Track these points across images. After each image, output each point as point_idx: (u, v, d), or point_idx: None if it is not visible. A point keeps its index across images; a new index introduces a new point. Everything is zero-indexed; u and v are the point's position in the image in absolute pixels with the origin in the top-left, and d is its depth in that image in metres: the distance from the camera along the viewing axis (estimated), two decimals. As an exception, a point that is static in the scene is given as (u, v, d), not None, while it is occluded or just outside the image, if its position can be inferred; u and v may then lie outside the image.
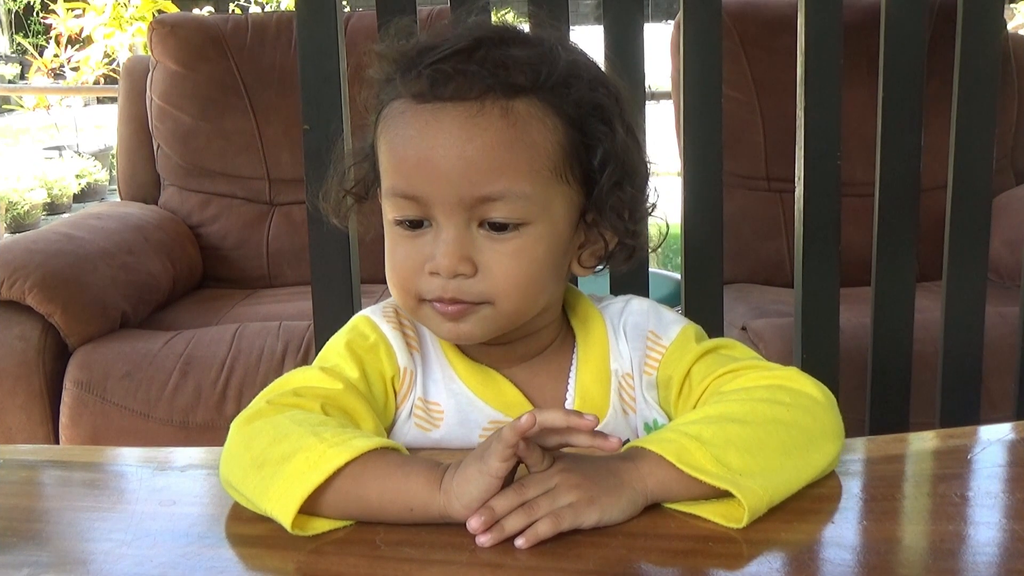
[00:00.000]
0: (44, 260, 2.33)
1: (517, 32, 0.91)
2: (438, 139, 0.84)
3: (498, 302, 0.87)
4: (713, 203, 1.51)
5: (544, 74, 0.86)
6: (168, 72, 2.98)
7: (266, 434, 0.82)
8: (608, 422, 0.96)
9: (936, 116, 1.61)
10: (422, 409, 0.95)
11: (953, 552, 0.76)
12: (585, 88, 0.89)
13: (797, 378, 0.89)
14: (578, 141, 0.88)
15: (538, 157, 0.86)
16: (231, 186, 3.00)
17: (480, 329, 0.89)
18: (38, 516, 0.89)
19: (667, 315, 1.00)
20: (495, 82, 0.84)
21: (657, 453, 0.79)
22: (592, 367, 0.97)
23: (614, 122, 0.90)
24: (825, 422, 0.87)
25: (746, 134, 2.83)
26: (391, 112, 0.88)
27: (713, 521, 0.78)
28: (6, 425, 2.23)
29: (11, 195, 6.72)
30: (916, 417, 1.59)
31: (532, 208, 0.86)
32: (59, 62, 8.63)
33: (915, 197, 1.52)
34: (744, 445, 0.80)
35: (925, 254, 1.59)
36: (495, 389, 0.95)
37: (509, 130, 0.84)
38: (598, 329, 0.98)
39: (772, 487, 0.80)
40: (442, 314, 0.88)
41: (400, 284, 0.89)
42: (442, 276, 0.86)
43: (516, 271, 0.86)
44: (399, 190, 0.87)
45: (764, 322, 2.23)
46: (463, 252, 0.85)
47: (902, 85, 1.49)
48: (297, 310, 2.51)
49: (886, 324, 1.56)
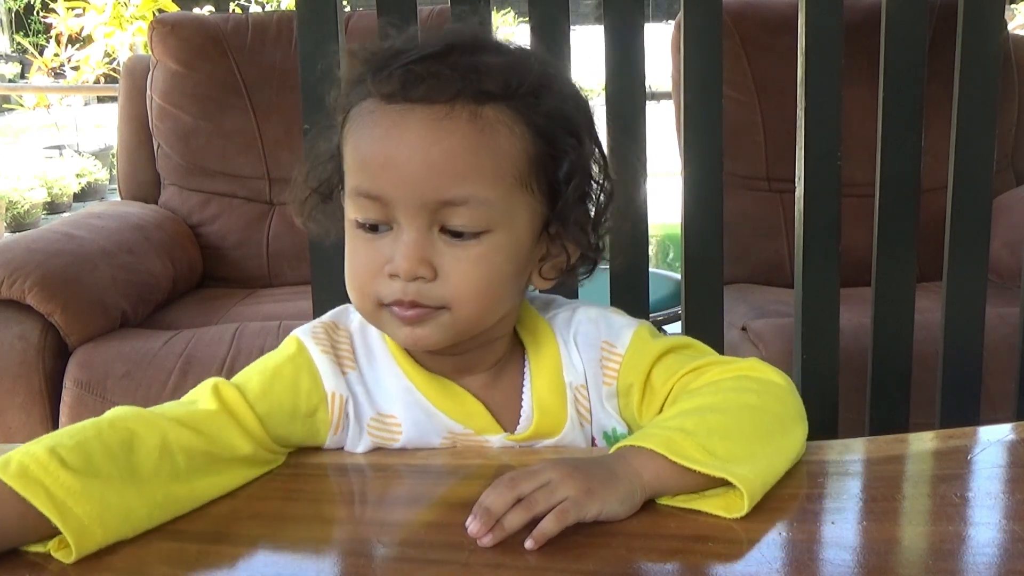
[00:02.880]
0: (44, 259, 2.33)
1: (491, 40, 0.90)
2: (404, 140, 0.83)
3: (456, 308, 0.86)
4: (713, 203, 1.51)
5: (515, 82, 0.85)
6: (168, 71, 2.99)
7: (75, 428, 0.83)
8: (566, 433, 0.96)
9: (936, 117, 1.61)
10: (378, 425, 0.94)
11: (953, 553, 0.76)
12: (555, 100, 0.88)
13: (758, 367, 0.92)
14: (545, 152, 0.87)
15: (504, 164, 0.85)
16: (231, 185, 3.00)
17: (437, 335, 0.88)
18: (38, 515, 0.88)
19: (617, 320, 0.99)
20: (465, 86, 0.83)
21: (648, 448, 0.80)
22: (546, 379, 0.96)
23: (582, 135, 0.90)
24: (791, 406, 0.90)
25: (746, 134, 2.83)
26: (360, 112, 0.87)
27: (715, 515, 0.79)
28: (6, 424, 2.23)
29: (11, 194, 6.72)
30: (916, 417, 1.59)
31: (494, 215, 0.85)
32: (59, 61, 8.64)
33: (915, 197, 1.52)
34: (726, 433, 0.83)
35: (925, 254, 1.59)
36: (454, 399, 0.94)
37: (476, 135, 0.83)
38: (548, 341, 0.97)
39: (762, 472, 0.82)
40: (400, 319, 0.87)
41: (359, 287, 0.89)
42: (401, 279, 0.85)
43: (475, 277, 0.86)
44: (363, 190, 0.86)
45: (764, 322, 2.23)
46: (423, 255, 0.85)
47: (902, 85, 1.49)
48: (297, 310, 2.51)
49: (886, 324, 1.55)
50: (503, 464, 0.91)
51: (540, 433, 0.95)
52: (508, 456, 0.94)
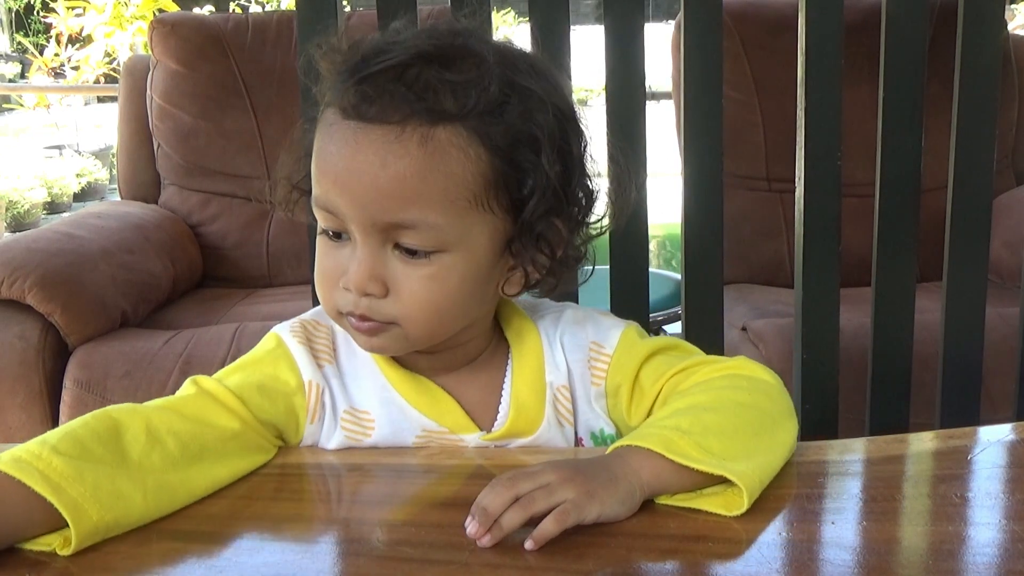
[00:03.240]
0: (44, 259, 2.33)
1: (463, 49, 0.85)
2: (355, 161, 0.83)
3: (405, 325, 0.87)
4: (713, 203, 1.51)
5: (472, 101, 0.82)
6: (169, 71, 2.99)
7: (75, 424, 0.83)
8: (541, 433, 0.96)
9: (936, 117, 1.61)
10: (351, 420, 0.95)
11: (953, 553, 0.76)
12: (517, 115, 0.85)
13: (747, 365, 0.93)
14: (505, 171, 0.85)
15: (454, 187, 0.83)
16: (231, 185, 3.00)
17: (393, 346, 0.90)
18: (37, 515, 0.88)
19: (604, 321, 1.00)
20: (419, 107, 0.81)
21: (645, 447, 0.81)
22: (527, 379, 0.96)
23: (548, 152, 0.86)
24: (781, 403, 0.91)
25: (746, 134, 2.83)
26: (324, 119, 0.87)
27: (715, 513, 0.80)
28: (6, 424, 2.23)
29: (11, 194, 6.72)
30: (916, 417, 1.59)
31: (445, 238, 0.84)
32: (59, 61, 8.64)
33: (915, 197, 1.52)
34: (721, 431, 0.83)
35: (925, 254, 1.59)
36: (429, 397, 0.95)
37: (426, 159, 0.82)
38: (532, 341, 0.98)
39: (758, 468, 0.82)
40: (355, 328, 0.89)
41: (322, 293, 0.90)
42: (353, 293, 0.86)
43: (426, 296, 0.86)
44: (320, 202, 0.87)
45: (764, 322, 2.23)
46: (374, 272, 0.85)
47: (902, 85, 1.49)
48: (297, 310, 2.47)
49: (886, 324, 1.55)
50: (507, 463, 0.92)
51: (514, 431, 0.95)
52: (487, 456, 0.94)
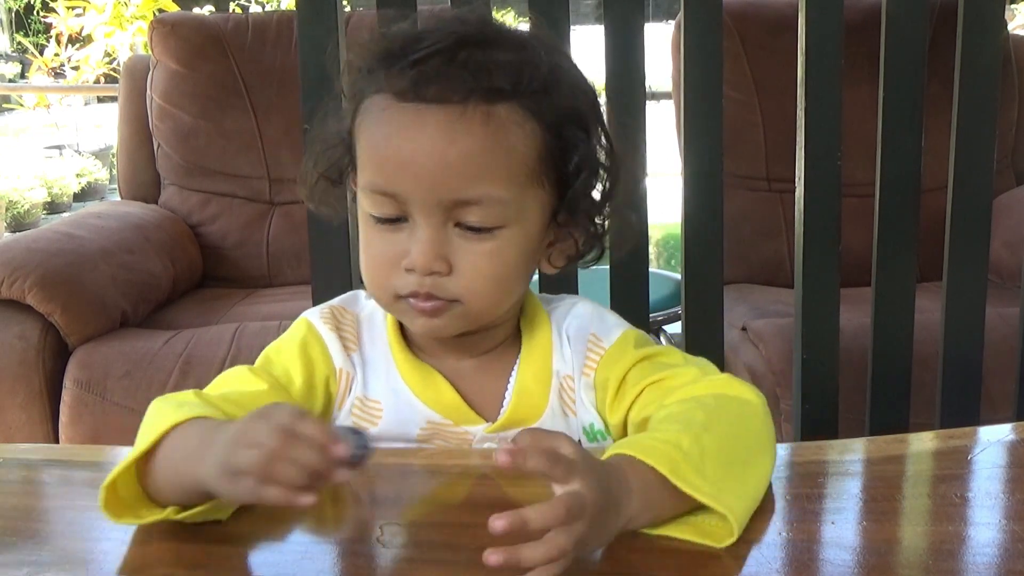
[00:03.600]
0: (44, 259, 2.33)
1: (500, 32, 0.90)
2: (419, 141, 0.84)
3: (469, 302, 0.88)
4: (713, 203, 1.51)
5: (526, 80, 0.86)
6: (168, 71, 2.99)
7: (155, 408, 0.84)
8: (544, 422, 0.96)
9: (936, 117, 1.61)
10: (360, 407, 0.96)
11: (953, 553, 0.76)
12: (565, 93, 0.89)
13: (735, 385, 0.89)
14: (555, 146, 0.88)
15: (516, 163, 0.86)
16: (231, 185, 3.00)
17: (452, 326, 0.90)
18: (38, 515, 0.89)
19: (610, 319, 1.00)
20: (477, 86, 0.84)
21: (649, 464, 0.76)
22: (533, 367, 0.97)
23: (590, 126, 0.91)
24: (766, 427, 0.88)
25: (746, 134, 2.83)
26: (372, 106, 0.88)
27: (696, 542, 0.76)
28: (6, 424, 2.23)
29: (11, 194, 6.72)
30: (916, 417, 1.59)
31: (507, 212, 0.86)
32: (59, 61, 8.64)
33: (915, 197, 1.52)
34: (716, 456, 0.79)
35: (925, 254, 1.59)
36: (434, 390, 0.95)
37: (490, 136, 0.84)
38: (543, 330, 0.98)
39: (751, 500, 0.79)
40: (416, 310, 0.88)
41: (375, 279, 0.90)
42: (417, 273, 0.86)
43: (489, 271, 0.87)
44: (377, 187, 0.87)
45: (764, 322, 2.23)
46: (438, 251, 0.86)
47: (902, 85, 1.49)
48: (297, 310, 2.47)
49: (886, 324, 1.55)
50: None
51: (515, 419, 0.95)
52: (487, 456, 0.93)
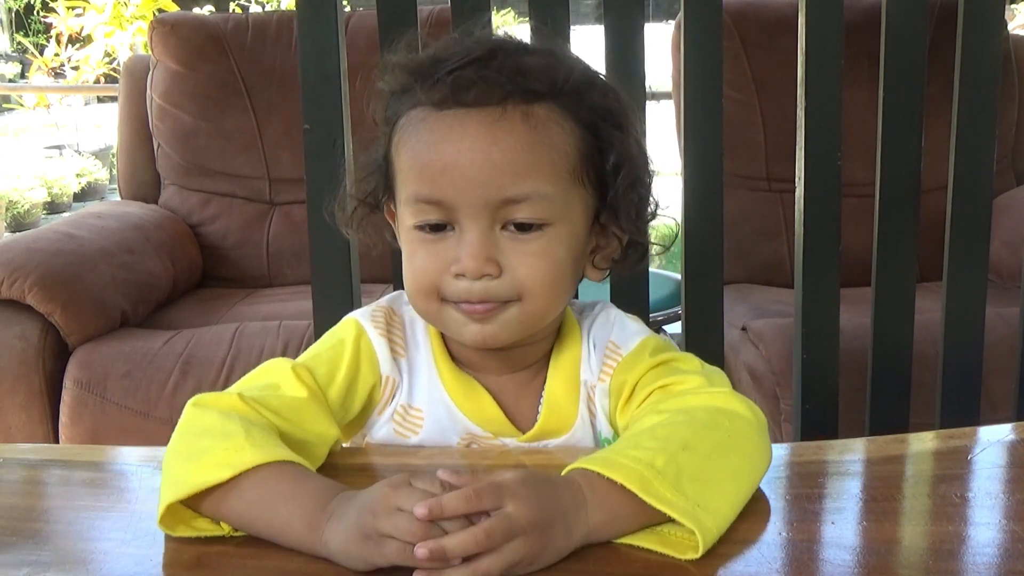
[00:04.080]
0: (44, 259, 2.33)
1: (525, 44, 0.93)
2: (463, 143, 0.85)
3: (525, 300, 0.88)
4: (713, 203, 1.51)
5: (560, 81, 0.88)
6: (168, 71, 2.99)
7: (209, 421, 0.83)
8: (575, 432, 0.96)
9: (937, 117, 1.61)
10: (402, 415, 0.96)
11: (953, 553, 0.76)
12: (598, 94, 0.91)
13: (732, 401, 0.87)
14: (592, 145, 0.90)
15: (559, 160, 0.87)
16: (231, 185, 3.00)
17: (505, 331, 0.89)
18: (38, 515, 0.88)
19: (631, 326, 0.99)
20: (514, 88, 0.86)
21: (617, 481, 0.75)
22: (562, 377, 0.97)
23: (625, 126, 0.93)
24: (760, 445, 0.86)
25: (747, 134, 2.83)
26: (410, 121, 0.89)
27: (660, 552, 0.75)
28: (6, 424, 2.23)
29: (11, 194, 6.72)
30: (916, 417, 1.59)
31: (554, 209, 0.87)
32: (59, 61, 8.64)
33: (915, 198, 1.52)
34: (696, 474, 0.78)
35: (925, 254, 1.59)
36: (476, 402, 0.95)
37: (531, 134, 0.86)
38: (574, 341, 0.98)
39: (723, 519, 0.77)
40: (469, 315, 0.88)
41: (422, 288, 0.89)
42: (468, 278, 0.86)
43: (541, 270, 0.87)
44: (423, 195, 0.87)
45: (764, 322, 2.23)
46: (488, 253, 0.86)
47: (903, 85, 1.49)
48: (297, 309, 2.51)
49: (886, 325, 1.55)
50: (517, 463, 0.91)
51: (547, 431, 0.96)
52: (513, 456, 0.94)
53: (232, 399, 0.86)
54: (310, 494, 0.77)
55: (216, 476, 0.77)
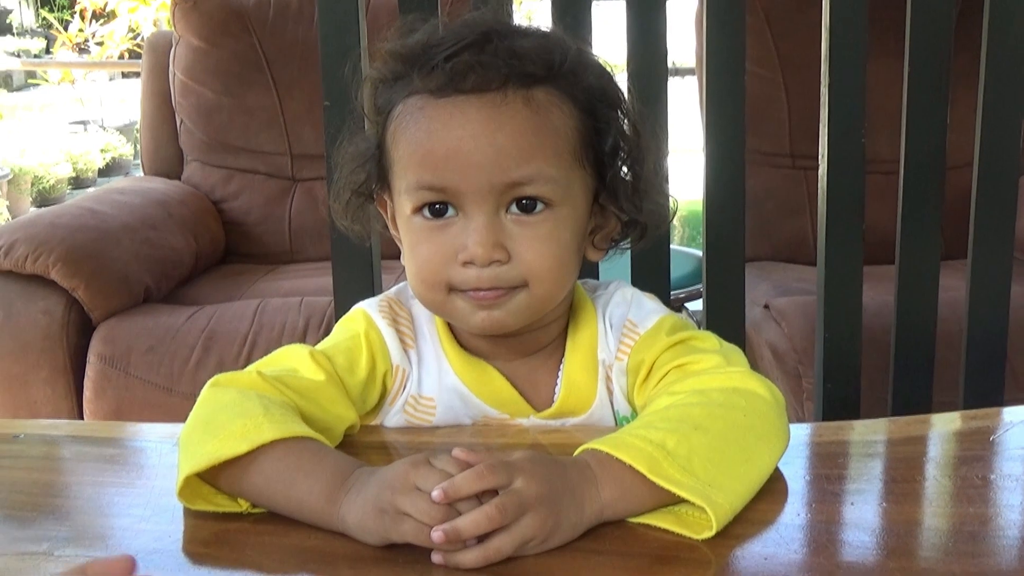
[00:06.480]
0: (68, 235, 2.35)
1: (518, 26, 0.93)
2: (466, 130, 0.85)
3: (533, 285, 0.87)
4: (736, 180, 1.50)
5: (556, 63, 0.88)
6: (191, 47, 2.99)
7: (228, 398, 0.83)
8: (594, 412, 0.96)
9: (964, 92, 1.59)
10: (413, 404, 0.96)
11: (974, 535, 0.75)
12: (593, 76, 0.91)
13: (749, 380, 0.87)
14: (590, 126, 0.90)
15: (560, 143, 0.87)
16: (253, 161, 3.01)
17: (514, 317, 0.89)
18: (58, 491, 0.89)
19: (648, 305, 0.99)
20: (512, 72, 0.85)
21: (626, 462, 0.76)
22: (580, 357, 0.96)
23: (621, 107, 0.93)
24: (777, 425, 0.85)
25: (770, 110, 2.81)
26: (407, 109, 0.88)
27: (673, 532, 0.75)
28: (31, 398, 2.25)
29: (37, 169, 6.75)
30: (939, 396, 1.57)
31: (558, 191, 0.87)
32: (84, 36, 8.67)
33: (940, 175, 1.50)
34: (708, 455, 0.78)
35: (951, 232, 1.58)
36: (489, 385, 0.95)
37: (534, 117, 0.86)
38: (589, 320, 0.97)
39: (736, 498, 0.77)
40: (477, 302, 0.87)
41: (428, 278, 0.89)
42: (476, 265, 0.86)
43: (548, 255, 0.87)
44: (425, 183, 0.87)
45: (787, 300, 2.22)
46: (496, 239, 0.85)
47: (928, 60, 1.47)
48: (319, 286, 2.51)
49: (910, 303, 1.54)
50: (534, 442, 0.91)
51: (565, 410, 0.96)
52: (531, 435, 0.93)
53: (252, 377, 0.86)
54: (329, 469, 0.78)
55: (234, 449, 0.78)
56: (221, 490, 0.80)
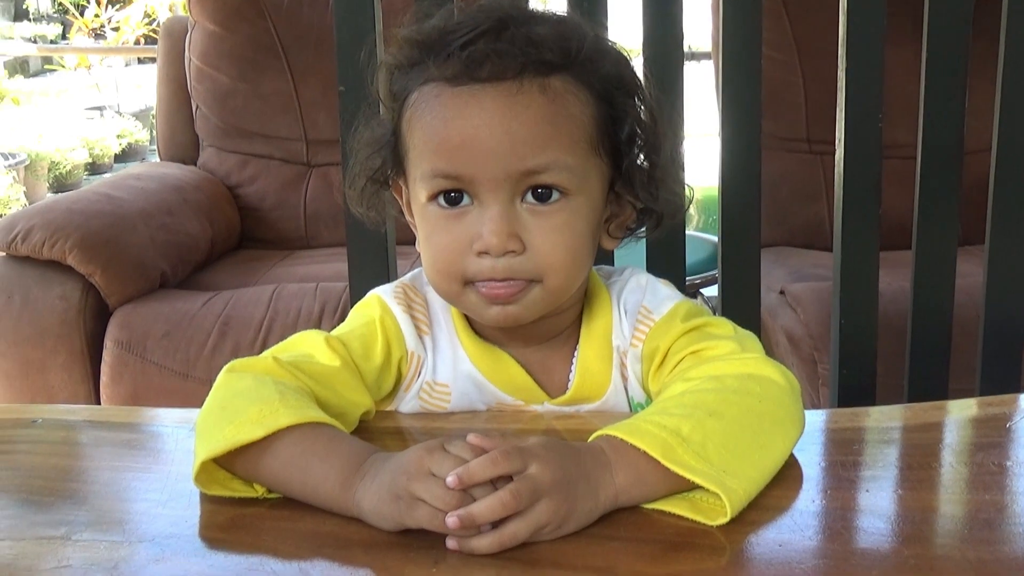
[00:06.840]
0: (84, 220, 2.36)
1: (536, 11, 0.92)
2: (482, 119, 0.84)
3: (547, 279, 0.87)
4: (752, 165, 1.50)
5: (573, 51, 0.87)
6: (206, 32, 2.99)
7: (244, 384, 0.84)
8: (608, 398, 0.96)
9: (983, 77, 1.58)
10: (428, 391, 0.96)
11: (990, 522, 0.75)
12: (610, 63, 0.91)
13: (764, 366, 0.86)
14: (607, 114, 0.89)
15: (577, 131, 0.87)
16: (269, 147, 3.01)
17: (527, 311, 0.89)
18: (75, 475, 0.90)
19: (663, 291, 0.98)
20: (528, 60, 0.85)
21: (640, 448, 0.76)
22: (595, 344, 0.96)
23: (638, 94, 0.92)
24: (792, 411, 0.84)
25: (787, 95, 2.80)
26: (423, 97, 0.87)
27: (687, 518, 0.75)
28: (48, 384, 2.27)
29: (53, 155, 6.78)
30: (956, 383, 1.57)
31: (574, 180, 0.86)
32: (100, 22, 8.69)
33: (958, 160, 1.49)
34: (723, 441, 0.77)
35: (968, 217, 1.57)
36: (504, 372, 0.95)
37: (550, 105, 0.85)
38: (604, 307, 0.97)
39: (752, 483, 0.77)
40: (490, 297, 0.87)
41: (444, 268, 0.89)
42: (491, 255, 0.86)
43: (562, 245, 0.87)
44: (440, 171, 0.86)
45: (802, 286, 2.21)
46: (511, 229, 0.85)
47: (947, 44, 1.46)
48: (334, 271, 2.52)
49: (927, 289, 1.53)
50: (549, 428, 0.91)
51: (580, 397, 0.96)
52: (545, 421, 0.93)
53: (267, 363, 0.87)
54: (344, 454, 0.78)
55: (250, 434, 0.78)
56: (237, 475, 0.81)
